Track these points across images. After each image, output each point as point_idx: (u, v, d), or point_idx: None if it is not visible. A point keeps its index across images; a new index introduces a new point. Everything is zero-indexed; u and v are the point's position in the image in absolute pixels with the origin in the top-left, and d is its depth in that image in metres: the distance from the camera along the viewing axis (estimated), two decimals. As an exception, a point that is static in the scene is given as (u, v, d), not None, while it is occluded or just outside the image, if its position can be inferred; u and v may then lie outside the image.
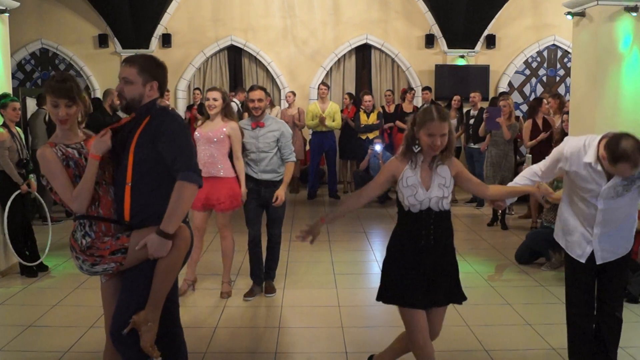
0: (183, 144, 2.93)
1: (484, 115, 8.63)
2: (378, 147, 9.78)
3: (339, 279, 5.93)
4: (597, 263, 3.53)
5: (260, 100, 5.20)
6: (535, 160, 8.14)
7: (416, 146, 3.21)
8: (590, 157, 3.33)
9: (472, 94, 9.91)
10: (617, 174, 3.25)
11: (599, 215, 3.44)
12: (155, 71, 3.05)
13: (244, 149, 5.26)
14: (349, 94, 11.36)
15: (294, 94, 11.04)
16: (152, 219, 2.94)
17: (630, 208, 3.49)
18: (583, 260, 3.54)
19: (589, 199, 3.43)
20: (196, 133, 5.20)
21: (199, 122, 5.35)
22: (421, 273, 3.24)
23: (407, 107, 10.80)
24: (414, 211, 3.21)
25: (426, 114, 3.16)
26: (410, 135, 3.24)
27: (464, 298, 3.38)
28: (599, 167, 3.31)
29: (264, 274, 5.52)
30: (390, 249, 3.34)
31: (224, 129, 5.16)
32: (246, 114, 10.71)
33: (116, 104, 8.63)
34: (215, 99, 5.17)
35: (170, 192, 2.92)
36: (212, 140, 5.15)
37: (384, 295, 3.35)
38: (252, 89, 5.32)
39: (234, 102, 11.30)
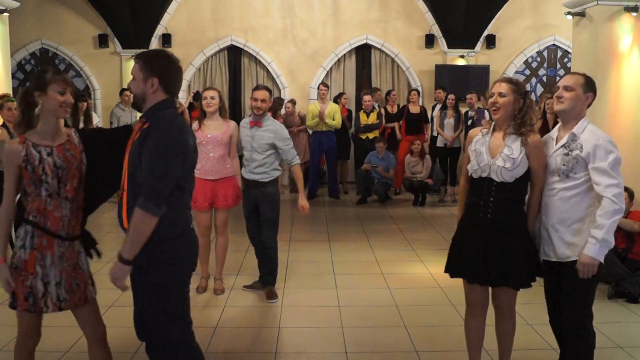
0: (155, 168, 2.65)
1: (474, 117, 8.71)
2: (375, 162, 10.11)
3: (339, 279, 5.93)
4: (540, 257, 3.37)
5: (263, 100, 5.19)
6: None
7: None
8: (553, 132, 3.43)
9: (468, 95, 9.95)
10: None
11: (544, 197, 3.30)
12: (158, 67, 2.81)
13: (238, 146, 5.33)
14: (341, 94, 11.42)
15: (294, 104, 11.03)
16: None
17: (570, 210, 3.20)
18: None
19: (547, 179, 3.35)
20: (201, 136, 5.15)
21: (194, 124, 5.21)
22: (476, 247, 3.28)
23: (413, 108, 10.79)
24: (475, 177, 3.31)
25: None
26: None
27: (521, 284, 3.30)
28: (555, 136, 3.36)
29: (263, 278, 5.49)
30: (459, 220, 3.48)
31: (230, 129, 5.25)
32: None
33: None
34: (212, 98, 5.21)
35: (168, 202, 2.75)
36: (223, 142, 5.22)
37: (447, 266, 3.50)
38: (257, 88, 5.31)
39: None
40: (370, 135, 10.58)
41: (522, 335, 4.47)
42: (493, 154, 3.28)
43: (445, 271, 3.52)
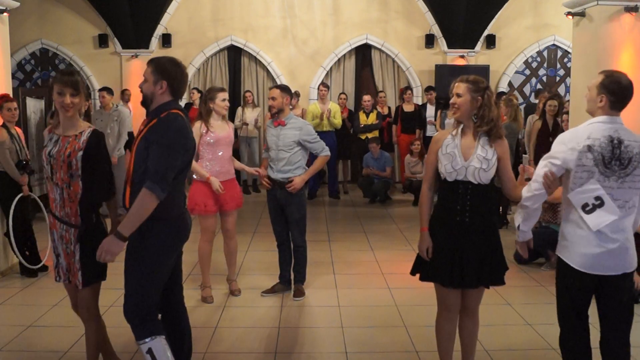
0: (162, 159, 3.00)
1: None
2: (371, 163, 10.22)
3: (339, 279, 5.93)
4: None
5: (273, 98, 5.22)
6: (536, 162, 8.16)
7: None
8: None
9: None
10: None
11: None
12: (167, 72, 3.13)
13: (265, 146, 5.35)
14: (343, 94, 11.41)
15: (298, 95, 10.99)
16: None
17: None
18: None
19: None
20: (211, 137, 5.07)
21: (202, 125, 5.08)
22: (452, 251, 3.23)
23: (407, 107, 10.81)
24: (450, 180, 3.23)
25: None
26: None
27: (495, 283, 3.32)
28: None
29: (292, 276, 5.47)
30: (430, 223, 3.37)
31: (231, 129, 5.32)
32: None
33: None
34: (225, 100, 5.17)
35: (171, 193, 3.07)
36: (231, 141, 5.27)
37: (417, 270, 3.47)
38: (271, 88, 5.44)
39: None
40: (370, 135, 10.58)
41: (522, 335, 4.49)
42: (465, 156, 3.22)
43: (414, 273, 3.49)
